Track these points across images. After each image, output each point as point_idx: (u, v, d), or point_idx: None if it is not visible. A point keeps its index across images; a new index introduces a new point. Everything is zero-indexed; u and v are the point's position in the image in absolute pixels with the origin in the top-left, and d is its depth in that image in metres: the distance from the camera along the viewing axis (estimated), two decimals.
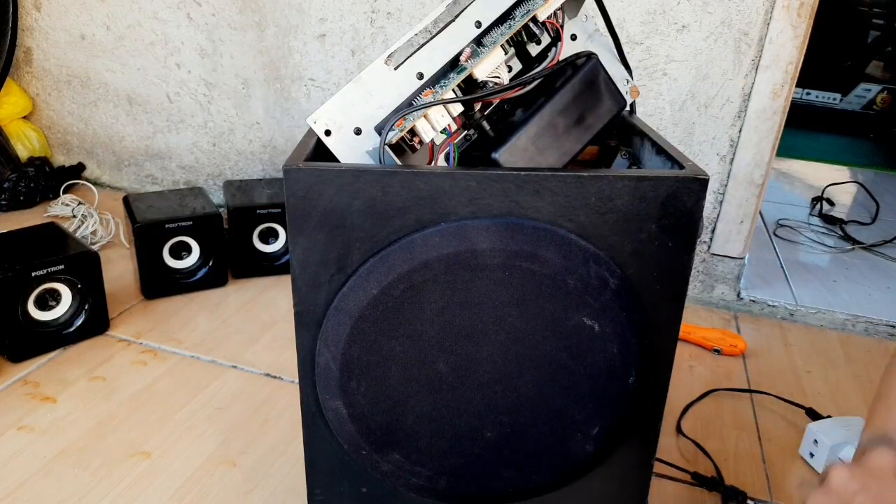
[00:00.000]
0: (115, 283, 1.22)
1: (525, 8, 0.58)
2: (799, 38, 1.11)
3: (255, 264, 1.28)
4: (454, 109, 0.58)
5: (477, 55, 0.57)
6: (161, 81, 1.56)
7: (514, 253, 0.55)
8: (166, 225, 1.16)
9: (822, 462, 0.87)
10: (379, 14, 1.34)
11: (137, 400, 0.93)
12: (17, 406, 0.91)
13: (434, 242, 0.55)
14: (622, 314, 0.57)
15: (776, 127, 1.18)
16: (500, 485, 0.63)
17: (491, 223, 0.54)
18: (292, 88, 1.46)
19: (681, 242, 0.55)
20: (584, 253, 0.55)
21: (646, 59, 1.20)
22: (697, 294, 1.32)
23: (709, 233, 1.28)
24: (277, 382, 0.99)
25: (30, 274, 0.98)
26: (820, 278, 1.41)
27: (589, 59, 0.62)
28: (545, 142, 0.61)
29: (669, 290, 0.57)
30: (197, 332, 1.10)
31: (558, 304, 0.56)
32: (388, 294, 0.56)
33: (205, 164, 1.61)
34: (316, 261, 0.56)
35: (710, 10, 1.15)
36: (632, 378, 0.59)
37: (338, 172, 0.53)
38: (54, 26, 1.59)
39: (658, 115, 1.23)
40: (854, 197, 2.00)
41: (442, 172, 0.54)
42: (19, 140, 1.65)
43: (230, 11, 1.44)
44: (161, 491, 0.78)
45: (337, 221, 0.55)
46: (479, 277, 0.56)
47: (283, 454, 0.84)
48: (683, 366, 1.09)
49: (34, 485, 0.78)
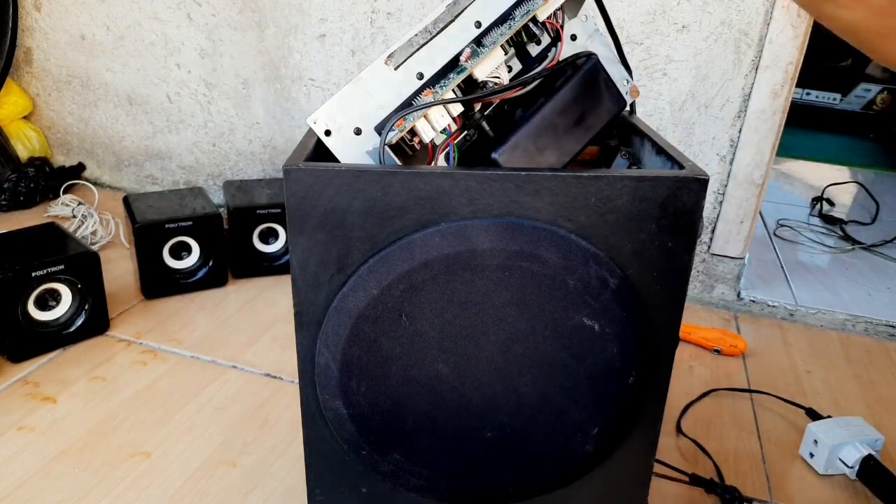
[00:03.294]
0: (116, 284, 1.22)
1: (525, 8, 0.58)
2: (799, 38, 1.12)
3: (255, 264, 1.28)
4: (454, 110, 0.58)
5: (477, 55, 0.57)
6: (161, 81, 1.56)
7: (514, 253, 0.55)
8: (166, 225, 1.16)
9: (822, 462, 0.87)
10: (379, 14, 1.34)
11: (137, 400, 0.93)
12: (17, 406, 0.91)
13: (434, 242, 0.55)
14: (622, 314, 0.57)
15: (776, 127, 1.18)
16: (500, 485, 0.63)
17: (491, 223, 0.54)
18: (292, 88, 1.46)
19: (681, 242, 0.55)
20: (584, 253, 0.55)
21: (646, 60, 1.20)
22: (697, 294, 1.32)
23: (709, 233, 1.28)
24: (277, 382, 0.99)
25: (30, 274, 0.98)
26: (820, 278, 1.41)
27: (589, 60, 0.62)
28: (545, 142, 0.61)
29: (669, 291, 0.57)
30: (197, 333, 1.10)
31: (558, 305, 0.56)
32: (388, 294, 0.56)
33: (205, 164, 1.61)
34: (316, 261, 0.56)
35: (710, 11, 1.15)
36: (632, 378, 0.59)
37: (337, 172, 0.53)
38: (54, 27, 1.59)
39: (658, 115, 1.23)
40: (854, 197, 2.00)
41: (442, 172, 0.54)
42: (19, 140, 1.65)
43: (230, 12, 1.44)
44: (161, 491, 0.78)
45: (337, 221, 0.55)
46: (479, 277, 0.56)
47: (283, 454, 0.84)
48: (683, 366, 1.09)
49: (34, 485, 0.78)
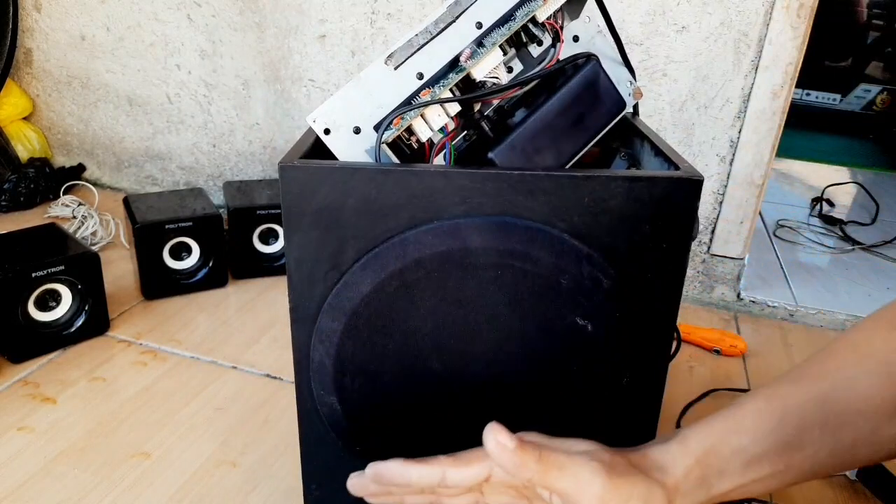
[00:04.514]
0: (116, 284, 1.22)
1: (525, 9, 0.58)
2: (799, 39, 1.12)
3: (255, 265, 1.29)
4: (452, 109, 0.58)
5: (476, 55, 0.57)
6: (161, 82, 1.56)
7: (507, 252, 0.55)
8: (166, 226, 1.16)
9: None
10: (379, 15, 1.34)
11: (137, 400, 0.93)
12: (17, 407, 0.91)
13: (427, 241, 0.55)
14: (615, 315, 0.57)
15: (776, 127, 1.18)
16: None
17: (484, 222, 0.54)
18: (292, 89, 1.47)
19: (675, 243, 0.55)
20: (578, 253, 0.55)
21: (645, 60, 1.21)
22: (697, 294, 1.32)
23: (708, 233, 1.28)
24: (277, 383, 0.99)
25: (30, 275, 0.98)
26: (820, 279, 1.41)
27: (588, 61, 0.62)
28: (543, 142, 0.61)
29: (663, 291, 0.57)
30: (197, 333, 1.10)
31: (551, 304, 0.56)
32: (381, 291, 0.56)
33: (205, 164, 1.61)
34: (311, 258, 0.56)
35: (710, 11, 1.15)
36: (625, 379, 0.59)
37: (332, 170, 0.54)
38: (54, 27, 1.60)
39: (658, 115, 1.23)
40: (854, 197, 2.00)
41: (435, 171, 0.54)
42: (19, 141, 1.65)
43: (230, 12, 1.44)
44: (161, 491, 0.78)
45: (331, 219, 0.55)
46: (472, 276, 0.56)
47: (283, 454, 0.84)
48: (683, 366, 1.09)
49: (34, 485, 0.78)
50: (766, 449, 0.50)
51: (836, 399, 0.50)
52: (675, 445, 0.51)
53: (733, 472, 0.50)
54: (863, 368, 0.51)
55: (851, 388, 0.50)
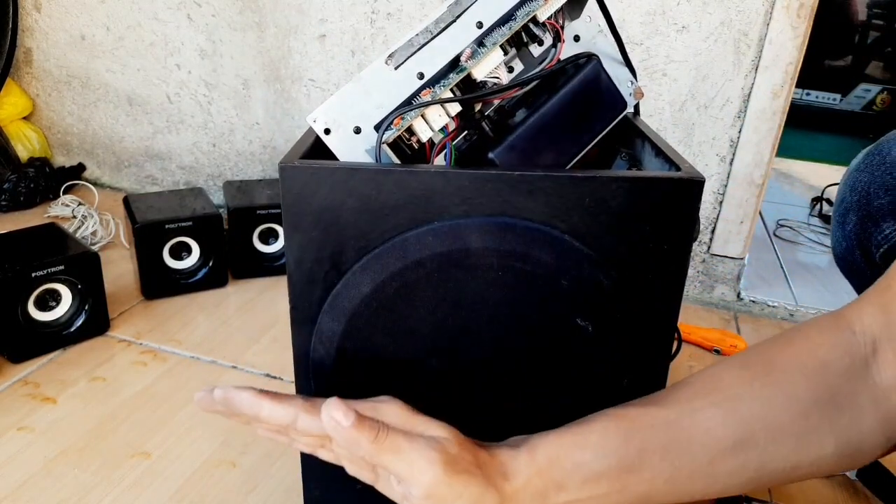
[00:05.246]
0: (116, 284, 1.22)
1: (526, 9, 0.58)
2: (799, 38, 1.11)
3: (255, 265, 1.28)
4: (452, 109, 0.58)
5: (477, 55, 0.57)
6: (161, 82, 1.56)
7: (507, 253, 0.55)
8: (166, 225, 1.16)
9: None
10: (379, 15, 1.34)
11: (137, 400, 0.93)
12: (17, 407, 0.91)
13: (427, 241, 0.55)
14: (615, 316, 0.57)
15: (776, 127, 1.18)
16: None
17: (484, 223, 0.54)
18: (292, 89, 1.47)
19: (676, 244, 0.55)
20: (578, 254, 0.55)
21: (646, 60, 1.20)
22: (697, 294, 1.32)
23: (709, 233, 1.28)
24: (278, 383, 0.99)
25: (30, 274, 0.98)
26: (820, 278, 1.41)
27: (589, 60, 0.62)
28: (543, 143, 0.61)
29: (664, 293, 0.57)
30: (197, 333, 1.10)
31: (551, 305, 0.56)
32: (381, 292, 0.56)
33: (205, 164, 1.61)
34: (311, 258, 0.56)
35: (710, 11, 1.15)
36: (626, 381, 0.59)
37: (332, 170, 0.54)
38: (54, 27, 1.60)
39: (658, 115, 1.23)
40: None
41: (435, 171, 0.54)
42: (19, 141, 1.65)
43: (230, 12, 1.44)
44: (161, 491, 0.78)
45: (331, 219, 0.55)
46: (471, 277, 0.56)
47: (284, 454, 0.84)
48: (683, 366, 1.09)
49: (34, 485, 0.78)
50: (606, 467, 0.50)
51: (681, 427, 0.51)
52: (524, 453, 0.50)
53: (571, 487, 0.50)
54: (708, 400, 0.52)
55: (695, 418, 0.51)
